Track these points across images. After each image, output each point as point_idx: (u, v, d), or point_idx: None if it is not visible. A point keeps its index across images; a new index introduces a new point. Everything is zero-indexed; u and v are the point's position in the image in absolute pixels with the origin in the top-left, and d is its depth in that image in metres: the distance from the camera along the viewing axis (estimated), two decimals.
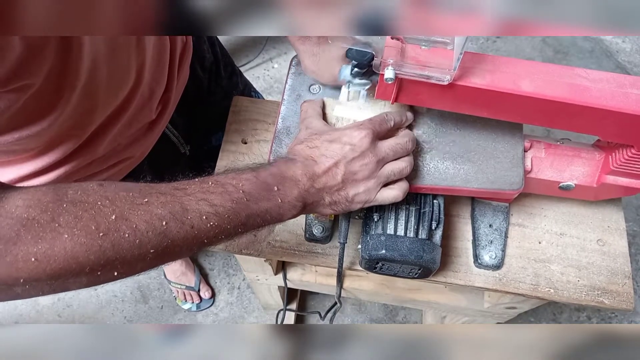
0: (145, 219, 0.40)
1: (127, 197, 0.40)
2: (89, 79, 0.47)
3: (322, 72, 0.61)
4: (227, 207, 0.44)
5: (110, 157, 0.63)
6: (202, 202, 0.43)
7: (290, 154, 0.52)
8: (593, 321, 1.51)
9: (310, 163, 0.50)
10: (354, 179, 0.51)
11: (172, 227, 0.41)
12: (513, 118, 0.53)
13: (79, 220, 0.37)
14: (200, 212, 0.42)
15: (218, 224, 0.43)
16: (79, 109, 0.49)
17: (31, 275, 0.35)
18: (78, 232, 0.37)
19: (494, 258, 0.66)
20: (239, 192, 0.45)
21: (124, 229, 0.38)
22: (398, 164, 0.53)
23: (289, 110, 0.62)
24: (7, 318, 1.50)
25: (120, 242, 0.38)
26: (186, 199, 0.42)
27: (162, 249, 0.41)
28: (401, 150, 0.53)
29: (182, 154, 0.82)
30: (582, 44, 1.95)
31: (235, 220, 0.44)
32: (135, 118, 0.61)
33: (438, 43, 0.47)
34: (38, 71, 0.42)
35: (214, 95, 0.84)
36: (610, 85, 0.49)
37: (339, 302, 0.76)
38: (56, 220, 0.36)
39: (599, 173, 0.61)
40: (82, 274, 0.38)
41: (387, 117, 0.54)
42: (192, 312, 1.51)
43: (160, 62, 0.61)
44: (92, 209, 0.38)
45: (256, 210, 0.46)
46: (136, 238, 0.39)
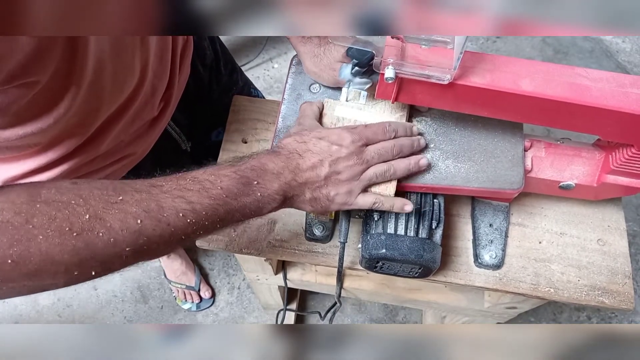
0: (120, 218, 0.40)
1: (101, 196, 0.40)
2: (95, 77, 0.48)
3: (323, 73, 0.61)
4: (204, 204, 0.44)
5: (113, 153, 0.63)
6: (179, 199, 0.43)
7: (277, 147, 0.52)
8: (593, 321, 1.51)
9: (295, 157, 0.50)
10: (337, 178, 0.51)
11: (147, 225, 0.41)
12: (513, 117, 0.54)
13: (53, 221, 0.37)
14: (177, 209, 0.42)
15: (195, 221, 0.43)
16: (84, 107, 0.50)
17: (8, 276, 0.36)
18: (52, 233, 0.37)
19: (494, 257, 0.66)
20: (216, 189, 0.45)
21: (98, 228, 0.39)
22: (381, 166, 0.53)
23: (289, 109, 0.62)
24: (7, 318, 1.50)
25: (95, 242, 0.38)
26: (162, 196, 0.42)
27: (139, 246, 0.41)
28: (386, 154, 0.54)
29: (183, 150, 0.83)
30: (582, 44, 1.95)
31: (213, 217, 0.45)
32: (138, 115, 0.61)
33: (438, 42, 0.48)
34: (45, 69, 0.42)
35: (214, 92, 0.84)
36: (611, 85, 0.49)
37: (339, 302, 0.76)
38: (30, 222, 0.36)
39: (599, 172, 0.61)
40: (58, 273, 0.38)
41: (388, 128, 0.54)
42: (192, 312, 1.51)
43: (163, 59, 0.61)
44: (65, 209, 0.38)
45: (235, 205, 0.46)
46: (110, 237, 0.39)
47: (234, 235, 0.68)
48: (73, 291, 1.52)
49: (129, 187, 0.42)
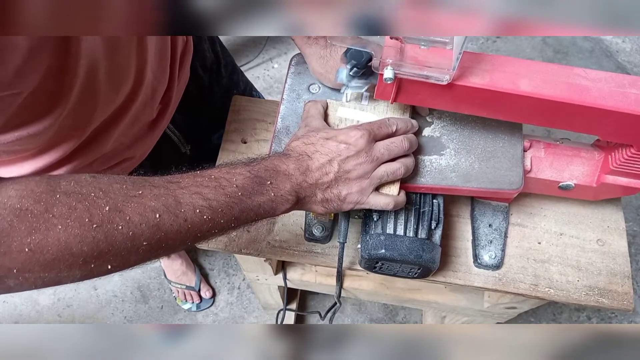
0: (139, 211, 0.39)
1: (121, 189, 0.40)
2: (88, 78, 0.47)
3: (329, 75, 0.61)
4: (220, 201, 0.44)
5: (113, 156, 0.63)
6: (196, 195, 0.43)
7: (286, 150, 0.52)
8: (593, 321, 1.51)
9: (304, 158, 0.50)
10: (347, 177, 0.51)
11: (165, 220, 0.41)
12: (512, 118, 0.53)
13: (73, 211, 0.37)
14: (194, 205, 0.42)
15: (212, 218, 0.43)
16: (78, 108, 0.49)
17: (24, 265, 0.35)
18: (72, 223, 0.36)
19: (493, 258, 0.66)
20: (232, 187, 0.45)
21: (118, 220, 0.38)
22: (392, 165, 0.53)
23: (288, 109, 0.62)
24: (7, 318, 1.50)
25: (114, 234, 0.38)
26: (180, 192, 0.42)
27: (156, 241, 0.41)
28: (396, 149, 0.53)
29: (182, 153, 0.82)
30: (582, 44, 1.95)
31: (228, 215, 0.45)
32: (138, 118, 0.61)
33: (437, 43, 0.47)
34: (36, 73, 0.41)
35: (215, 94, 0.84)
36: (610, 85, 0.49)
37: (339, 302, 0.76)
38: (50, 211, 0.36)
39: (599, 173, 0.61)
40: (75, 265, 0.37)
41: (389, 122, 0.54)
42: (192, 312, 1.51)
43: (162, 60, 0.61)
44: (85, 200, 0.38)
45: (249, 204, 0.46)
46: (129, 230, 0.39)
47: (234, 235, 0.68)
48: (73, 291, 1.52)
49: (147, 182, 0.42)
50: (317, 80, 0.64)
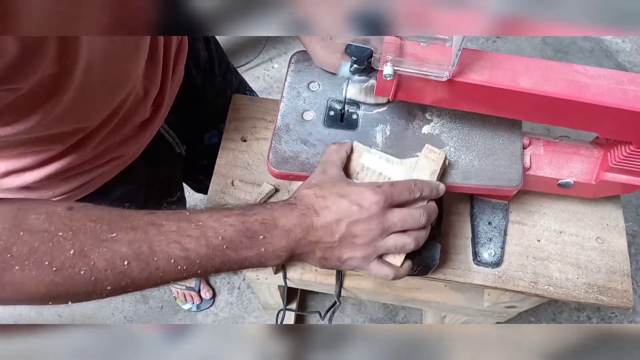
0: (106, 257, 0.39)
1: (94, 230, 0.39)
2: (82, 82, 0.46)
3: (333, 58, 0.59)
4: (200, 253, 0.43)
5: (103, 155, 0.61)
6: (174, 244, 0.42)
7: (294, 198, 0.50)
8: (593, 321, 1.51)
9: (310, 213, 0.47)
10: (352, 242, 0.48)
11: (134, 268, 0.40)
12: (511, 115, 0.54)
13: (34, 253, 0.36)
14: (170, 255, 0.41)
15: (187, 268, 0.42)
16: (73, 110, 0.48)
17: None
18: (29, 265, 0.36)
19: (493, 255, 0.66)
20: (217, 238, 0.43)
21: (80, 265, 0.38)
22: (403, 238, 0.49)
23: (288, 107, 0.62)
24: (7, 318, 1.50)
25: (74, 278, 0.38)
26: (157, 238, 0.41)
27: (121, 286, 0.40)
28: (412, 222, 0.49)
29: (177, 153, 0.81)
30: (582, 44, 1.96)
31: (206, 266, 0.44)
32: (129, 119, 0.60)
33: (437, 40, 0.48)
34: (30, 75, 0.40)
35: (207, 94, 0.83)
36: (609, 82, 0.49)
37: (339, 301, 0.76)
38: (8, 250, 0.36)
39: (598, 170, 0.61)
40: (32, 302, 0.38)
41: (413, 187, 0.50)
42: (192, 312, 1.51)
43: (153, 60, 0.59)
44: (50, 241, 0.37)
45: (234, 257, 0.45)
46: (92, 275, 0.38)
47: None
48: None
49: (126, 223, 0.41)
50: (316, 77, 0.63)
